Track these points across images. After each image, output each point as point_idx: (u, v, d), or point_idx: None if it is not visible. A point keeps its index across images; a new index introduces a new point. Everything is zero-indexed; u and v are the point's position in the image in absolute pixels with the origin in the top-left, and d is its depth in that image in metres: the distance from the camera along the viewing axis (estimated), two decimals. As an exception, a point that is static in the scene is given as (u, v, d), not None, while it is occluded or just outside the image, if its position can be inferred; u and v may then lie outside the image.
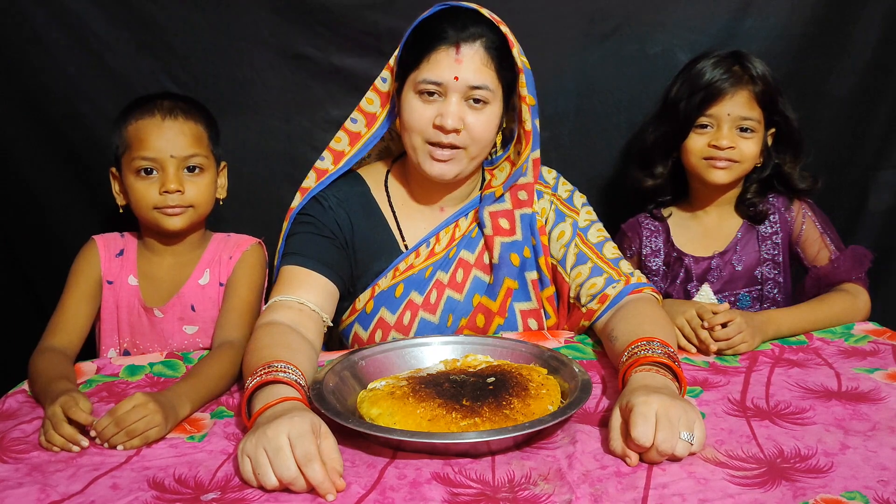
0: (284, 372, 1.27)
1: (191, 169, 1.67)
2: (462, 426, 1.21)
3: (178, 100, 1.70)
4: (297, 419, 1.14)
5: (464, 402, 1.26)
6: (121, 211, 1.74)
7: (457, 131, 1.58)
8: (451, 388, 1.30)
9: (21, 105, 2.04)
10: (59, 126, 2.06)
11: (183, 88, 1.99)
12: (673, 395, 1.22)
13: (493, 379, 1.32)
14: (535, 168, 1.71)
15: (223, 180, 1.77)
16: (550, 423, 1.21)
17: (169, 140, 1.64)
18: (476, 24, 1.58)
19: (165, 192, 1.64)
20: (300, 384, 1.27)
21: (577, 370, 1.37)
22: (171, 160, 1.64)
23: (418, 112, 1.60)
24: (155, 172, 1.65)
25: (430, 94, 1.58)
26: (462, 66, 1.56)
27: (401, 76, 1.63)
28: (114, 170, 1.72)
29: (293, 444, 1.10)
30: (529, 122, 1.65)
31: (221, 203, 1.76)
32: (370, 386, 1.37)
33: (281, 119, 2.11)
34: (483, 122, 1.59)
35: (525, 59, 1.64)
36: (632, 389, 1.24)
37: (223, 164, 1.77)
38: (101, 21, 2.01)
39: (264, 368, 1.28)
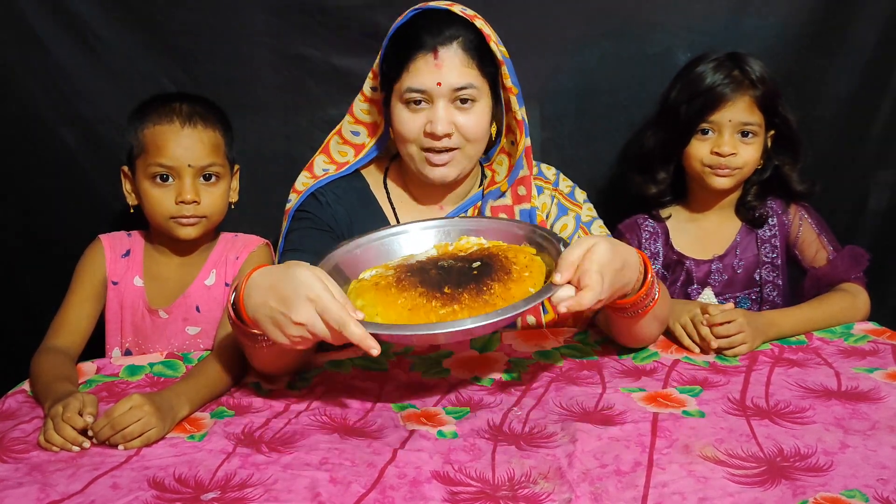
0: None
1: (207, 177, 1.66)
2: (441, 314, 1.21)
3: (196, 103, 1.68)
4: (297, 267, 1.22)
5: (445, 290, 1.25)
6: (131, 211, 1.73)
7: (448, 135, 1.59)
8: (437, 275, 1.29)
9: (21, 105, 2.04)
10: (58, 127, 2.06)
11: (182, 89, 1.99)
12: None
13: (478, 264, 1.31)
14: (528, 157, 1.70)
15: (235, 183, 1.76)
16: (523, 308, 1.21)
17: (187, 149, 1.63)
18: (450, 25, 1.58)
19: (181, 201, 1.63)
20: None
21: (562, 249, 1.32)
22: (189, 169, 1.63)
23: (408, 122, 1.60)
24: (171, 179, 1.64)
25: (417, 102, 1.59)
26: (443, 70, 1.56)
27: (386, 86, 1.65)
28: (125, 169, 1.71)
29: (309, 289, 1.18)
30: (520, 112, 1.66)
31: (233, 207, 1.75)
32: (360, 276, 1.36)
33: (280, 119, 2.11)
34: (474, 121, 1.60)
35: (503, 49, 1.64)
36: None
37: (236, 167, 1.76)
38: (101, 22, 2.00)
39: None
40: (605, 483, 1.11)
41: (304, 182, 1.73)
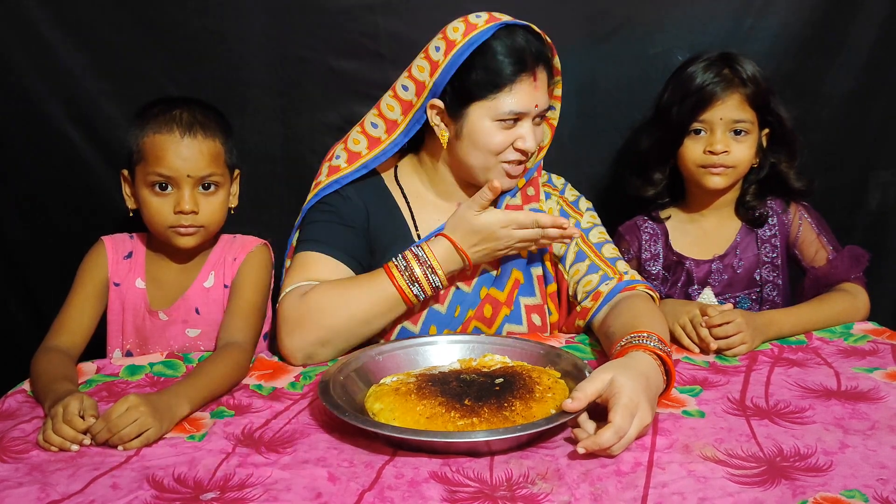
0: None
1: (206, 186, 1.65)
2: (459, 426, 1.22)
3: (197, 110, 1.66)
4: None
5: (465, 402, 1.26)
6: (130, 214, 1.72)
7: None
8: (458, 387, 1.30)
9: (22, 106, 2.04)
10: (64, 128, 2.06)
11: (182, 90, 1.98)
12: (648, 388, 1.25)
13: (501, 380, 1.32)
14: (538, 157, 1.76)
15: (235, 188, 1.75)
16: (543, 428, 1.20)
17: (186, 160, 1.61)
18: (539, 43, 1.61)
19: (179, 211, 1.63)
20: None
21: (587, 374, 1.33)
22: (188, 179, 1.62)
23: (499, 138, 1.61)
24: (170, 188, 1.63)
25: (513, 120, 1.60)
26: (538, 92, 1.60)
27: (461, 98, 1.61)
28: (125, 172, 1.70)
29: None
30: (556, 118, 1.74)
31: (233, 212, 1.74)
32: (381, 381, 1.38)
33: (280, 121, 2.11)
34: (541, 135, 1.68)
35: None
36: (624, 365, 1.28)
37: (237, 172, 1.75)
38: (102, 23, 2.01)
39: None
40: (605, 483, 1.11)
41: (321, 172, 1.73)
